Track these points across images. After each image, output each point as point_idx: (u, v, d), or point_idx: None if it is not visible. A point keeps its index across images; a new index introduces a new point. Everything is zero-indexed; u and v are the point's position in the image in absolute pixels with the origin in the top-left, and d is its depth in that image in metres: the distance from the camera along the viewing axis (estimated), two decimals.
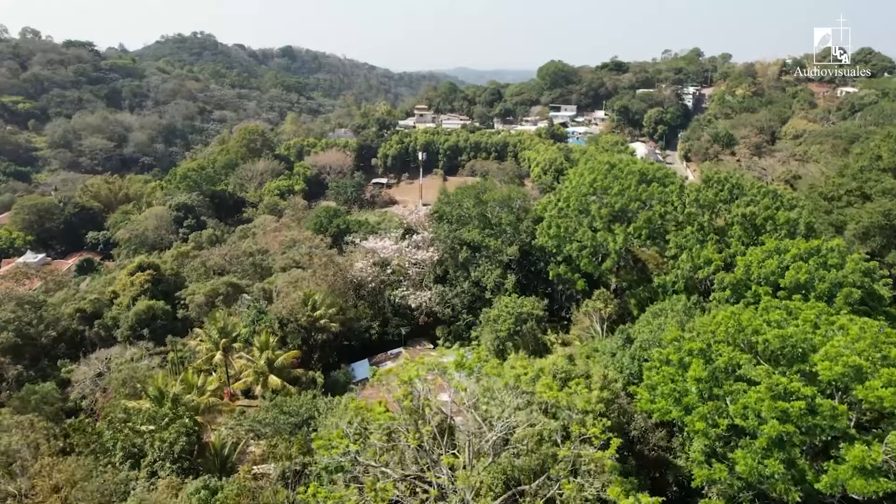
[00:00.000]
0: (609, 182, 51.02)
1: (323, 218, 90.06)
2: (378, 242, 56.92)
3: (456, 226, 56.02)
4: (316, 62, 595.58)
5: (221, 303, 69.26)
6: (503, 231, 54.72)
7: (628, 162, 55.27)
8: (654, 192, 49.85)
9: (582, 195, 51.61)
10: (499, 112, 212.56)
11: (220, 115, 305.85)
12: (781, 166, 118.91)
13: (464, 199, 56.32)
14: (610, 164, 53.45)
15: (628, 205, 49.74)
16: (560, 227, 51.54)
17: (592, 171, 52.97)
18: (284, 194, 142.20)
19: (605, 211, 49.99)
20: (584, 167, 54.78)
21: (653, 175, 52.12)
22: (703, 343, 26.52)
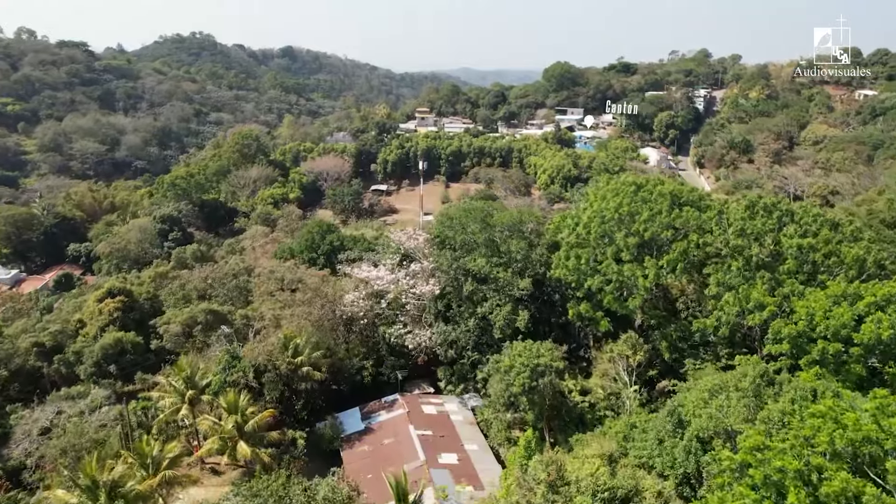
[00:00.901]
0: (637, 206, 43.93)
1: (315, 234, 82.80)
2: (372, 271, 49.92)
3: (460, 252, 48.95)
4: (317, 62, 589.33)
5: (200, 332, 62.40)
6: (514, 260, 47.65)
7: (657, 182, 48.17)
8: (690, 218, 42.76)
9: (605, 221, 44.49)
10: (503, 115, 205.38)
11: (216, 117, 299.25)
12: (805, 176, 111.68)
13: (469, 221, 49.23)
14: (636, 184, 46.37)
15: (660, 233, 42.66)
16: (580, 259, 44.44)
17: (616, 193, 45.87)
18: (278, 203, 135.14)
19: (632, 241, 42.91)
20: (607, 188, 47.68)
21: (686, 198, 45.04)
22: (800, 463, 19.50)
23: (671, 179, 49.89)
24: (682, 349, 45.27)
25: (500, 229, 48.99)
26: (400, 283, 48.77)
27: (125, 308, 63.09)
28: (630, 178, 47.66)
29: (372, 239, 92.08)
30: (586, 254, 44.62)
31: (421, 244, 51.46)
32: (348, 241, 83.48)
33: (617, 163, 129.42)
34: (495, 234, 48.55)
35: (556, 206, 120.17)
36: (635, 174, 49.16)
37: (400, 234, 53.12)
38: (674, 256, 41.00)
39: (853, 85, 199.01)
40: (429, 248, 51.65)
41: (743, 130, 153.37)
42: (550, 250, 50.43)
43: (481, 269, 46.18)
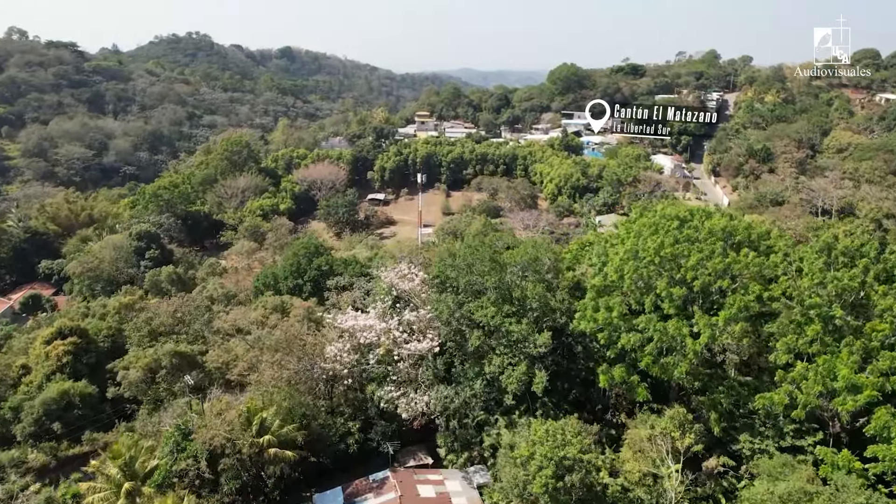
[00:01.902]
0: (682, 248, 35.37)
1: (300, 258, 74.51)
2: (358, 319, 41.38)
3: (463, 296, 40.40)
4: (316, 63, 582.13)
5: (165, 379, 53.99)
6: (529, 308, 39.12)
7: (703, 214, 39.63)
8: (750, 264, 34.17)
9: (643, 265, 35.96)
10: (506, 119, 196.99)
11: (210, 120, 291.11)
12: (835, 188, 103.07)
13: (474, 259, 40.66)
14: (679, 219, 37.81)
15: (713, 283, 34.14)
16: (612, 311, 35.90)
17: (655, 229, 37.33)
18: (268, 215, 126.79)
19: (678, 291, 34.36)
20: (641, 222, 39.15)
21: (742, 236, 36.44)
22: None
23: (719, 212, 41.06)
24: (734, 418, 36.89)
25: (512, 269, 40.42)
26: (391, 333, 40.23)
27: (77, 351, 54.68)
28: (671, 209, 39.07)
29: (365, 261, 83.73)
30: (618, 304, 36.06)
31: (417, 286, 42.89)
32: (338, 265, 75.17)
33: (630, 172, 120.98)
34: (507, 275, 39.96)
35: (566, 220, 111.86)
36: (676, 204, 40.26)
37: (392, 274, 44.43)
38: (731, 313, 32.44)
39: (873, 88, 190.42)
40: (426, 292, 43.10)
41: (761, 137, 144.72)
42: (572, 293, 41.88)
43: (490, 321, 37.62)
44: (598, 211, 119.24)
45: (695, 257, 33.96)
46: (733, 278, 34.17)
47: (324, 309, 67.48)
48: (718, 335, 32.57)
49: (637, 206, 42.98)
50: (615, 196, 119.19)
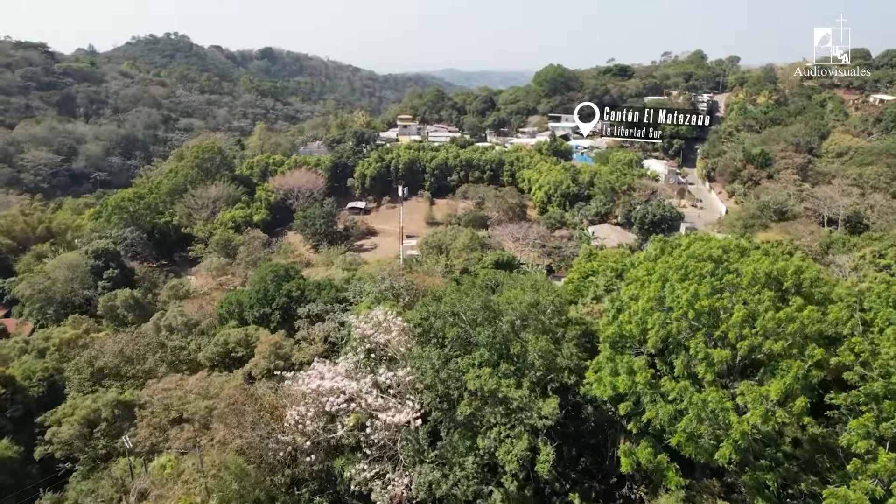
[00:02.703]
0: (723, 301, 28.64)
1: (268, 283, 67.08)
2: (324, 379, 34.16)
3: (451, 350, 33.50)
4: (297, 64, 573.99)
5: (104, 435, 46.50)
6: (530, 366, 32.29)
7: (738, 251, 32.97)
8: (808, 319, 27.40)
9: (673, 320, 29.22)
10: (492, 122, 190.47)
11: (186, 123, 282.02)
12: (841, 196, 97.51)
13: (464, 306, 33.75)
14: (713, 259, 31.07)
15: (761, 344, 27.47)
16: (635, 376, 29.16)
17: (685, 273, 30.53)
18: (241, 227, 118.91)
19: (720, 354, 27.65)
20: (667, 264, 32.32)
21: (793, 282, 29.75)
22: None
23: (758, 249, 34.33)
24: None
25: (509, 316, 33.55)
26: (363, 396, 33.17)
27: (0, 403, 46.97)
28: (700, 246, 32.26)
29: (342, 283, 76.60)
30: (643, 367, 29.29)
31: (395, 338, 35.83)
32: (311, 290, 67.75)
33: (623, 180, 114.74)
34: (503, 326, 33.07)
35: (558, 232, 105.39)
36: (703, 238, 33.46)
37: (363, 324, 37.18)
38: (787, 381, 25.75)
39: (866, 89, 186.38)
40: (408, 342, 36.04)
41: (757, 141, 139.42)
42: (581, 342, 35.08)
43: (484, 385, 30.70)
44: (590, 220, 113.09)
45: (739, 313, 27.23)
46: (790, 338, 27.41)
47: (293, 342, 60.65)
48: (771, 415, 25.84)
49: (656, 240, 36.11)
50: (608, 205, 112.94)
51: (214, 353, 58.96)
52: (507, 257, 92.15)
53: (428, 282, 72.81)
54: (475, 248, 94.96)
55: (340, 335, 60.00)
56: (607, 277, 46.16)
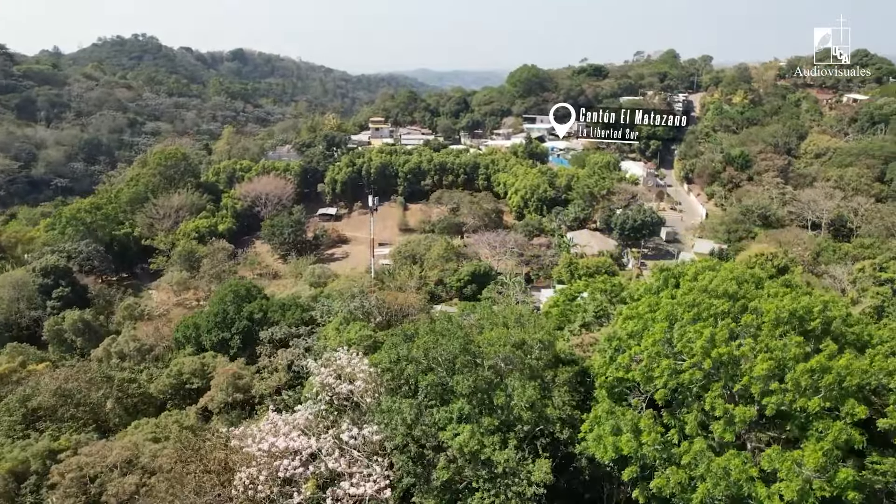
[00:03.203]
0: (744, 348, 24.68)
1: (228, 304, 62.16)
2: (280, 436, 29.56)
3: (425, 399, 29.15)
4: (269, 65, 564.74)
5: (33, 491, 41.25)
6: (517, 419, 28.12)
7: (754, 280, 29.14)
8: (845, 370, 23.36)
9: (685, 370, 25.23)
10: (466, 124, 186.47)
11: (153, 126, 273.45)
12: (825, 199, 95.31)
13: (440, 349, 29.45)
14: (729, 294, 27.09)
15: (794, 401, 23.51)
16: (641, 437, 25.17)
17: (697, 312, 26.50)
18: (205, 237, 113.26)
19: (743, 413, 23.69)
20: (675, 301, 28.27)
21: (821, 318, 25.80)
22: None
23: (774, 280, 30.44)
24: None
25: (490, 359, 29.35)
26: (322, 458, 28.66)
27: None
28: (710, 278, 28.20)
29: (308, 301, 71.87)
30: (650, 424, 25.28)
31: (361, 387, 31.28)
32: (274, 311, 63.04)
33: (603, 185, 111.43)
34: (485, 373, 28.85)
35: (536, 240, 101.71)
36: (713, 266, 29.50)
37: (324, 372, 32.54)
38: (826, 448, 21.94)
39: (839, 88, 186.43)
40: (375, 391, 31.56)
41: (735, 142, 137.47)
42: (574, 385, 31.01)
43: (465, 446, 26.45)
44: (568, 226, 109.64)
45: (764, 364, 23.31)
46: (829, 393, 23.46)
47: (254, 371, 55.85)
48: (809, 490, 21.90)
49: (658, 269, 32.12)
50: (587, 210, 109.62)
51: (167, 385, 54.07)
52: (484, 268, 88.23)
53: (401, 299, 68.50)
54: (450, 259, 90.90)
55: (305, 363, 55.63)
56: (597, 302, 42.24)
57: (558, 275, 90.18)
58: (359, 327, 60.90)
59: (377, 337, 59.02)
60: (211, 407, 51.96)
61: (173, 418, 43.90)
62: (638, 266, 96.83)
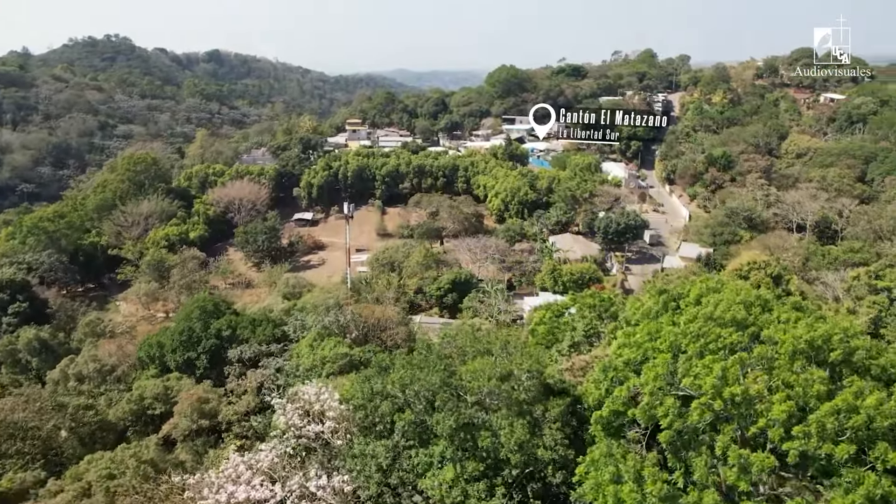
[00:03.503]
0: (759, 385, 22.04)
1: (195, 321, 58.57)
2: (240, 483, 26.26)
3: (403, 440, 26.20)
4: (245, 66, 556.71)
5: None
6: (505, 462, 25.25)
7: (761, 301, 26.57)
8: (875, 410, 20.78)
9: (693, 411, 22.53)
10: (444, 126, 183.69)
11: (125, 129, 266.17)
12: (810, 201, 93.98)
13: (419, 385, 26.49)
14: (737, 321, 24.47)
15: (817, 447, 20.86)
16: (643, 486, 22.46)
17: (703, 343, 23.86)
18: (175, 245, 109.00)
19: (761, 461, 21.02)
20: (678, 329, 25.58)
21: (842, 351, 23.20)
22: None
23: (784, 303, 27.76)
24: None
25: (476, 398, 26.45)
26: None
27: None
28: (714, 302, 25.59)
29: (281, 315, 68.43)
30: (653, 472, 22.55)
31: (331, 427, 28.14)
32: (244, 328, 59.51)
33: (585, 187, 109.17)
34: (468, 411, 25.95)
35: (518, 245, 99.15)
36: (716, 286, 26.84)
37: (290, 411, 29.32)
38: (858, 502, 19.41)
39: (816, 88, 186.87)
40: (346, 430, 28.49)
41: (716, 142, 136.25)
42: (566, 419, 28.22)
43: (446, 498, 23.52)
44: (550, 230, 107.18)
45: (784, 406, 20.68)
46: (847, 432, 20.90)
47: (221, 394, 52.39)
48: None
49: (655, 289, 29.46)
50: (569, 213, 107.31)
51: (127, 411, 50.42)
52: (465, 276, 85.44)
53: (378, 312, 65.40)
54: (430, 266, 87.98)
55: (277, 384, 52.32)
56: (586, 319, 39.59)
57: (541, 281, 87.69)
58: (333, 343, 57.77)
59: (353, 354, 56.02)
60: (174, 435, 48.54)
61: (131, 451, 40.26)
62: (622, 271, 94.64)
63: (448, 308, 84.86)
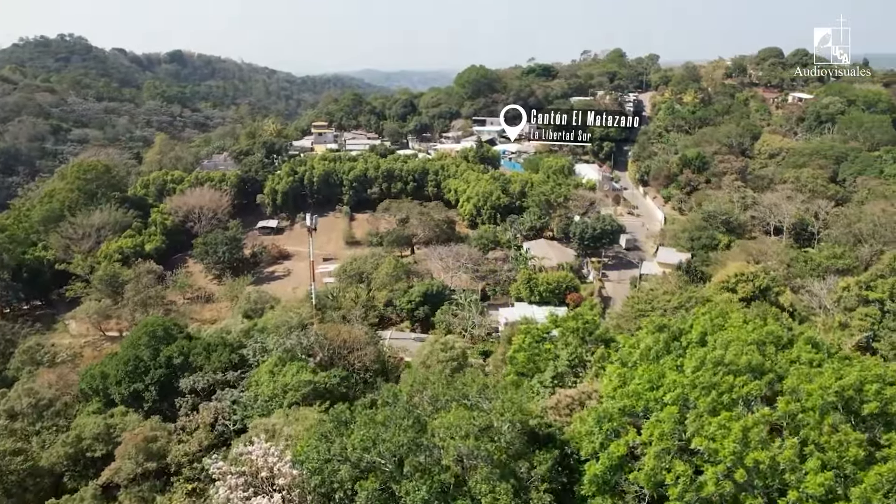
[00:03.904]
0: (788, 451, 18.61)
1: (143, 348, 53.54)
2: None
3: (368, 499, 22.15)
4: (209, 67, 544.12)
5: None
6: None
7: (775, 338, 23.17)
8: None
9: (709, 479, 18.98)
10: (414, 128, 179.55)
11: (80, 134, 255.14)
12: (787, 203, 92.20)
13: (383, 444, 22.49)
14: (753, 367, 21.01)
15: None
16: None
17: (716, 396, 20.34)
18: (130, 258, 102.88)
19: None
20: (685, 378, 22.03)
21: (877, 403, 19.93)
22: None
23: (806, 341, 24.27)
24: None
25: (451, 457, 22.56)
26: None
27: None
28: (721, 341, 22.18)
29: (240, 336, 63.58)
30: None
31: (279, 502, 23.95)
32: (198, 354, 54.59)
33: (559, 191, 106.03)
34: (443, 475, 22.05)
35: (491, 253, 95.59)
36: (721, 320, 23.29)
37: (232, 482, 25.11)
38: None
39: (784, 87, 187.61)
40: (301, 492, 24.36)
41: (689, 142, 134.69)
42: (554, 476, 24.50)
43: None
44: (524, 236, 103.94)
45: (819, 478, 17.24)
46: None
47: (171, 431, 47.59)
48: None
49: (653, 325, 25.85)
50: (544, 218, 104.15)
51: (63, 455, 45.25)
52: (437, 287, 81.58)
53: (344, 332, 61.09)
54: (400, 278, 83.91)
55: (234, 420, 47.82)
56: (571, 347, 35.96)
57: (517, 291, 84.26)
58: (296, 369, 53.38)
59: (317, 381, 51.76)
60: (117, 480, 43.64)
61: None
62: (599, 278, 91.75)
63: (420, 321, 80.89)
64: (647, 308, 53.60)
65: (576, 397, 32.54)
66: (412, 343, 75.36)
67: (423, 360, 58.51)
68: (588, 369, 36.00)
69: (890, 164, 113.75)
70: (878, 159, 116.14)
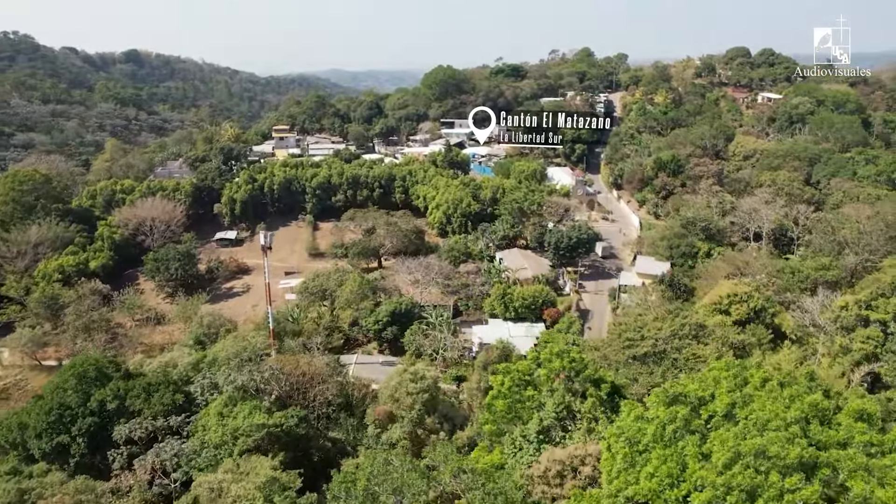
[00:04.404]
0: None
1: (70, 393, 47.04)
2: None
3: None
4: (168, 68, 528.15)
5: None
6: None
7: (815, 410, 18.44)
8: None
9: None
10: (380, 131, 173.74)
11: (25, 139, 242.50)
12: (766, 208, 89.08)
13: None
14: (806, 462, 16.23)
15: None
16: None
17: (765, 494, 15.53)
18: (72, 277, 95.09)
19: None
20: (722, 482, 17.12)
21: None
22: None
23: (849, 408, 19.55)
24: None
25: None
26: None
27: None
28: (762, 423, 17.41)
29: (187, 370, 57.37)
30: None
31: None
32: (136, 396, 48.25)
33: (532, 199, 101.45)
34: None
35: (463, 266, 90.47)
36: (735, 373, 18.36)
37: None
38: None
39: (753, 87, 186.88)
40: None
41: (662, 144, 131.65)
42: None
43: None
44: (497, 245, 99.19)
45: None
46: None
47: (103, 492, 41.37)
48: None
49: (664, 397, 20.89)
50: (517, 227, 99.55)
51: None
52: (406, 305, 76.16)
53: (304, 364, 55.26)
54: (366, 296, 78.17)
55: (174, 478, 41.87)
56: (557, 395, 30.99)
57: (490, 307, 79.44)
58: (248, 409, 47.50)
59: (271, 424, 46.04)
60: None
61: None
62: (576, 289, 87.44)
63: (388, 342, 75.49)
64: (637, 337, 49.15)
65: (567, 462, 27.65)
66: (380, 368, 70.01)
67: (391, 394, 53.19)
68: (578, 422, 31.12)
69: (862, 165, 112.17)
70: (851, 161, 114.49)
